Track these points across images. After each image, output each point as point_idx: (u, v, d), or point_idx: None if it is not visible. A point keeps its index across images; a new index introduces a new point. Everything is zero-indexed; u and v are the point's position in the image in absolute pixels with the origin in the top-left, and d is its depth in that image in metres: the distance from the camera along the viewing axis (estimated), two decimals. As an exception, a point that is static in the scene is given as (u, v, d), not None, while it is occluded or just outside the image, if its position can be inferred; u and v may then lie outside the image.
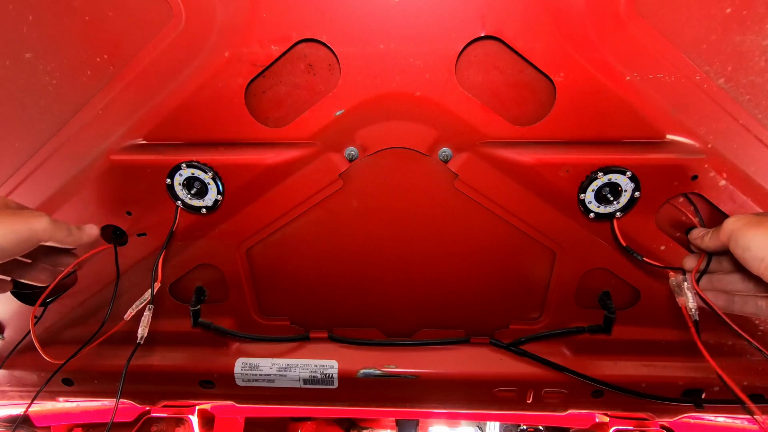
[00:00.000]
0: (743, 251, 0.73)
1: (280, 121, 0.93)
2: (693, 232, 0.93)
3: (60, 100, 0.89)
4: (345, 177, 0.98)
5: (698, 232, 0.92)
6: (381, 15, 0.79)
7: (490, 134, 0.90)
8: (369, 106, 0.87)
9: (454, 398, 1.31)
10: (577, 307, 1.16)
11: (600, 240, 1.02)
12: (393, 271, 1.14)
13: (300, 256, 1.12)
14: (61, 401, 1.45)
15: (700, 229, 0.93)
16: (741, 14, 0.76)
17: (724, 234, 0.78)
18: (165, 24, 0.81)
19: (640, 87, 0.83)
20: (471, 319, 1.23)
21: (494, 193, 0.98)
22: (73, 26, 0.81)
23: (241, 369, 1.26)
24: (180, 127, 0.91)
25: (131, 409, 1.50)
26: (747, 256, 0.73)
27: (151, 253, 1.08)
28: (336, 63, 0.85)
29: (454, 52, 0.81)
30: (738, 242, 0.75)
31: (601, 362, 1.22)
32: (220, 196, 0.97)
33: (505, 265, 1.11)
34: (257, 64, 0.84)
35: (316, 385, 1.27)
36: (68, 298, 1.17)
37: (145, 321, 0.98)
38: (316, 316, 1.25)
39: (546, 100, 0.88)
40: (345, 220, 1.05)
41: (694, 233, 0.92)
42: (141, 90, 0.87)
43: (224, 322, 1.23)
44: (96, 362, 1.25)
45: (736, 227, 0.76)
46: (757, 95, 0.83)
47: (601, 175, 0.90)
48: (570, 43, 0.80)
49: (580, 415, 1.45)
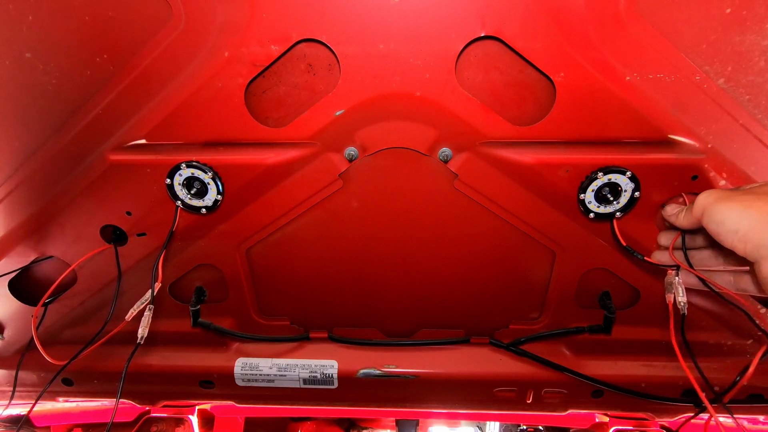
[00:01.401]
0: (717, 225, 0.75)
1: (280, 121, 0.93)
2: (667, 208, 0.93)
3: (60, 100, 0.89)
4: (345, 177, 0.98)
5: (672, 208, 0.91)
6: (381, 15, 0.79)
7: (490, 134, 0.90)
8: (369, 106, 0.87)
9: (454, 398, 1.31)
10: (577, 307, 1.16)
11: (600, 240, 1.02)
12: (393, 271, 1.14)
13: (300, 256, 1.12)
14: (61, 401, 1.45)
15: (674, 205, 0.92)
16: (741, 14, 0.76)
17: (697, 209, 0.79)
18: (165, 24, 0.81)
19: (640, 87, 0.83)
20: (471, 319, 1.23)
21: (494, 193, 0.98)
22: (73, 26, 0.81)
23: (240, 369, 1.26)
24: (180, 127, 0.91)
25: (131, 409, 1.50)
26: (721, 230, 0.74)
27: (151, 253, 1.08)
28: (336, 63, 0.85)
29: (454, 52, 0.81)
30: (711, 217, 0.76)
31: (601, 362, 1.22)
32: (220, 196, 0.97)
33: (505, 265, 1.11)
34: (257, 64, 0.84)
35: (316, 385, 1.27)
36: (68, 298, 1.17)
37: (145, 321, 0.98)
38: (316, 316, 1.25)
39: (546, 100, 0.88)
40: (345, 220, 1.05)
41: (668, 209, 0.92)
42: (141, 90, 0.87)
43: (224, 322, 1.23)
44: (96, 362, 1.25)
45: (708, 202, 0.77)
46: (757, 95, 0.83)
47: (601, 175, 0.90)
48: (570, 43, 0.80)
49: (579, 415, 1.45)
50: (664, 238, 0.96)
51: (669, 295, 0.93)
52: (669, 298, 0.93)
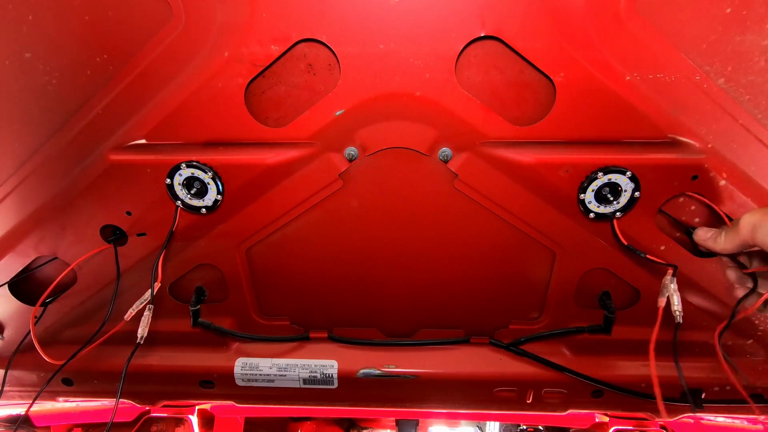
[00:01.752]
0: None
1: (280, 121, 0.93)
2: (698, 233, 0.92)
3: (60, 100, 0.89)
4: (345, 177, 0.98)
5: (705, 233, 0.90)
6: (381, 15, 0.79)
7: (490, 134, 0.90)
8: (369, 106, 0.87)
9: (454, 398, 1.31)
10: (577, 307, 1.16)
11: (600, 240, 1.02)
12: (393, 270, 1.14)
13: (300, 256, 1.12)
14: (60, 401, 1.45)
15: (707, 229, 0.91)
16: (741, 14, 0.76)
17: (744, 230, 0.78)
18: (164, 24, 0.81)
19: (640, 87, 0.83)
20: (471, 319, 1.23)
21: (494, 193, 0.98)
22: (73, 26, 0.81)
23: (240, 369, 1.26)
24: (180, 127, 0.91)
25: (131, 409, 1.50)
26: None
27: (151, 253, 1.08)
28: (336, 63, 0.85)
29: (454, 52, 0.81)
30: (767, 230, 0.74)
31: (601, 362, 1.22)
32: (220, 196, 0.97)
33: (505, 265, 1.11)
34: (257, 64, 0.84)
35: (316, 385, 1.27)
36: (68, 298, 1.17)
37: (145, 321, 0.98)
38: (316, 316, 1.25)
39: (546, 100, 0.88)
40: (345, 220, 1.05)
41: (701, 234, 0.91)
42: (141, 90, 0.87)
43: (224, 322, 1.23)
44: (96, 362, 1.25)
45: (756, 219, 0.76)
46: (757, 95, 0.83)
47: (601, 175, 0.90)
48: (570, 43, 0.80)
49: (579, 415, 1.45)
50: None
51: (662, 299, 0.91)
52: (661, 301, 0.91)
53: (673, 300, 0.90)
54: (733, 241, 0.83)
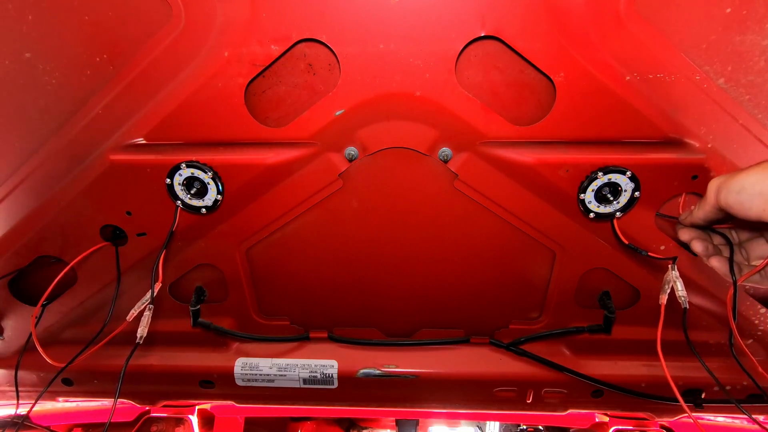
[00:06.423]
0: (738, 194, 0.71)
1: (280, 121, 0.93)
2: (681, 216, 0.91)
3: (60, 100, 0.89)
4: (345, 177, 0.98)
5: (683, 215, 0.90)
6: (381, 15, 0.79)
7: (490, 134, 0.90)
8: (369, 106, 0.87)
9: (454, 398, 1.31)
10: (577, 307, 1.16)
11: (600, 240, 1.02)
12: (393, 270, 1.14)
13: (300, 256, 1.12)
14: (60, 401, 1.45)
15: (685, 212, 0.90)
16: (741, 14, 0.76)
17: (710, 194, 0.76)
18: (164, 24, 0.81)
19: (640, 87, 0.83)
20: (471, 319, 1.23)
21: (494, 193, 0.98)
22: (73, 26, 0.81)
23: (240, 369, 1.26)
24: (180, 127, 0.91)
25: (131, 409, 1.50)
26: (743, 198, 0.70)
27: (151, 253, 1.08)
28: (336, 63, 0.85)
29: (454, 52, 0.81)
30: (730, 188, 0.72)
31: (601, 362, 1.22)
32: (220, 196, 0.97)
33: (505, 265, 1.11)
34: (257, 64, 0.84)
35: (316, 385, 1.27)
36: (68, 298, 1.17)
37: (145, 321, 0.98)
38: (316, 316, 1.25)
39: (546, 100, 0.88)
40: (345, 220, 1.05)
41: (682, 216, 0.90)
42: (141, 90, 0.87)
43: (224, 322, 1.23)
44: (96, 362, 1.25)
45: (719, 181, 0.75)
46: (756, 95, 0.83)
47: (601, 175, 0.90)
48: (570, 43, 0.80)
49: (579, 415, 1.45)
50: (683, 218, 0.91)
51: (663, 296, 0.91)
52: (662, 298, 0.91)
53: (677, 286, 0.88)
54: (704, 208, 0.80)
